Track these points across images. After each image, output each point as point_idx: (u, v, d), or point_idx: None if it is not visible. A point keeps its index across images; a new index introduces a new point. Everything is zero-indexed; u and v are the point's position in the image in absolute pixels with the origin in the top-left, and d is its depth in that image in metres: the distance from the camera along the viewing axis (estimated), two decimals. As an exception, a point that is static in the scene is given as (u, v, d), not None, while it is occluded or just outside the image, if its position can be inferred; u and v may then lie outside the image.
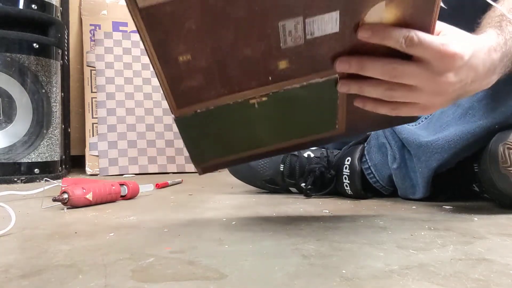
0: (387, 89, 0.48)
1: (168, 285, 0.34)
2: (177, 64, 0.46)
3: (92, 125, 1.57)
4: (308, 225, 0.58)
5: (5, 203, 0.59)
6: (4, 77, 1.21)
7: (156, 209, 0.73)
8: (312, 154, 0.86)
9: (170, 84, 0.48)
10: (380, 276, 0.36)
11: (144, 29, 0.43)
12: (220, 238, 0.51)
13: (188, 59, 0.46)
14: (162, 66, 0.46)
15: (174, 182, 1.14)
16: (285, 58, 0.47)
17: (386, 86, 0.47)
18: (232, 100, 0.50)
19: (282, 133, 0.58)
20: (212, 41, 0.44)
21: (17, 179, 1.20)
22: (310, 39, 0.45)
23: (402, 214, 0.66)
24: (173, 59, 0.46)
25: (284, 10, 0.43)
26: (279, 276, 0.36)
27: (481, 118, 0.67)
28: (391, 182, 0.81)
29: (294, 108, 0.53)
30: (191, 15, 0.42)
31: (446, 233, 0.52)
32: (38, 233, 0.54)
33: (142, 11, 0.42)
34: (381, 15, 0.44)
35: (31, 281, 0.35)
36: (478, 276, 0.36)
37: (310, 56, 0.47)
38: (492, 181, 0.65)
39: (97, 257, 0.42)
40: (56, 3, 1.37)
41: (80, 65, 1.65)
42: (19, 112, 1.24)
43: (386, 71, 0.46)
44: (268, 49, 0.46)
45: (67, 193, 0.72)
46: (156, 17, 0.42)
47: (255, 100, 0.51)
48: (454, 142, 0.69)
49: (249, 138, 0.57)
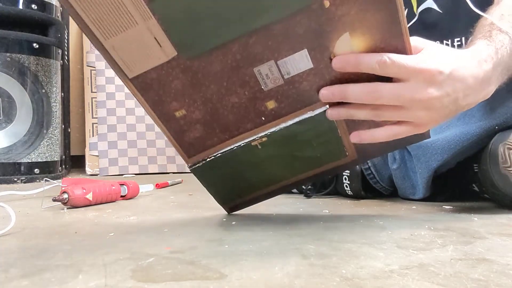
0: (373, 109, 0.48)
1: (168, 285, 0.34)
2: (175, 119, 0.51)
3: (92, 125, 1.57)
4: (308, 225, 0.58)
5: (5, 203, 0.59)
6: (4, 77, 1.21)
7: (156, 209, 0.73)
8: (312, 154, 0.86)
9: (175, 138, 0.53)
10: (380, 276, 0.36)
11: (138, 94, 0.49)
12: (220, 238, 0.51)
13: (184, 114, 0.51)
14: (164, 124, 0.51)
15: (174, 182, 1.14)
16: (271, 99, 0.50)
17: (372, 106, 0.48)
18: (235, 144, 0.54)
19: (295, 168, 0.60)
20: (200, 95, 0.49)
21: (17, 179, 1.20)
22: (288, 78, 0.48)
23: (402, 214, 0.66)
24: (171, 116, 0.51)
25: (254, 58, 0.46)
26: (279, 276, 0.36)
27: (481, 119, 0.67)
28: (391, 183, 0.81)
29: (297, 144, 0.55)
30: (175, 76, 0.47)
31: (446, 233, 0.52)
32: (38, 233, 0.54)
33: (133, 80, 0.47)
34: (350, 45, 0.46)
35: (31, 280, 0.35)
36: (478, 276, 0.36)
37: (295, 93, 0.50)
38: (492, 181, 0.65)
39: (97, 257, 0.42)
40: (56, 3, 1.37)
41: (80, 65, 1.65)
42: (19, 112, 1.24)
43: (367, 94, 0.47)
44: (252, 93, 0.49)
45: (67, 193, 0.72)
46: (146, 83, 0.48)
47: (256, 142, 0.54)
48: (454, 142, 0.69)
49: (263, 176, 0.60)
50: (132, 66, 0.46)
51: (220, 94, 0.49)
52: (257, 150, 0.54)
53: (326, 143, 0.55)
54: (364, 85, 0.47)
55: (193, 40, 0.45)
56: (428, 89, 0.46)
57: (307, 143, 0.55)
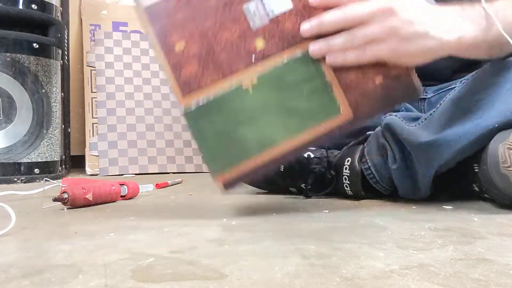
0: (348, 34, 0.57)
1: (168, 285, 0.34)
2: (175, 53, 0.57)
3: (92, 125, 1.57)
4: (308, 225, 0.58)
5: (5, 203, 0.59)
6: (4, 77, 1.21)
7: (156, 209, 0.73)
8: (312, 154, 0.86)
9: (173, 72, 0.57)
10: (380, 276, 0.36)
11: (148, 23, 0.57)
12: (220, 238, 0.51)
13: (183, 47, 0.57)
14: (165, 55, 0.57)
15: (174, 182, 1.14)
16: (259, 37, 0.57)
17: (347, 32, 0.56)
18: (227, 86, 0.58)
19: (289, 126, 0.59)
20: (198, 28, 0.57)
21: (17, 179, 1.20)
22: (273, 18, 0.56)
23: (402, 214, 0.66)
24: (172, 48, 0.57)
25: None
26: (279, 276, 0.36)
27: (481, 116, 0.67)
28: (391, 183, 0.81)
29: (288, 91, 0.58)
30: (178, 9, 0.56)
31: (446, 233, 0.52)
32: (38, 233, 0.54)
33: (146, 9, 0.56)
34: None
35: (31, 281, 0.35)
36: (478, 276, 0.36)
37: (280, 33, 0.57)
38: (492, 181, 0.65)
39: (97, 257, 0.42)
40: (56, 3, 1.37)
41: (80, 65, 1.65)
42: (19, 112, 1.24)
43: (340, 16, 0.56)
44: (243, 30, 0.57)
45: (67, 193, 0.72)
46: (156, 13, 0.56)
47: (247, 83, 0.58)
48: (454, 141, 0.69)
49: (258, 135, 0.60)
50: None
51: (214, 29, 0.56)
52: (249, 96, 0.58)
53: (316, 92, 0.58)
54: (337, 10, 0.56)
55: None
56: (388, 18, 0.56)
57: (298, 89, 0.58)
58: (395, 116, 0.79)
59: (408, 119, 0.78)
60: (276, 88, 0.58)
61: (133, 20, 1.67)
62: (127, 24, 1.68)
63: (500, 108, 0.65)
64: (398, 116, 0.79)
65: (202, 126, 0.59)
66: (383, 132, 0.80)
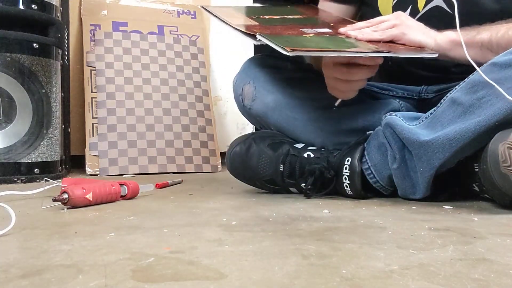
0: (374, 26, 0.80)
1: (168, 285, 0.34)
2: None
3: (92, 125, 1.57)
4: (308, 225, 0.58)
5: (5, 203, 0.59)
6: (4, 77, 1.21)
7: (156, 209, 0.73)
8: (312, 154, 0.86)
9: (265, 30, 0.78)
10: (380, 276, 0.36)
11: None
12: (220, 238, 0.51)
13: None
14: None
15: (174, 182, 1.14)
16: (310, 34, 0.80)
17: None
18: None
19: (333, 43, 0.79)
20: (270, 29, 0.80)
21: (17, 179, 1.19)
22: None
23: (402, 214, 0.66)
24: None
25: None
26: (279, 276, 0.36)
27: (481, 114, 0.68)
28: (391, 182, 0.81)
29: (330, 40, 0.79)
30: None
31: (446, 233, 0.52)
32: (38, 233, 0.54)
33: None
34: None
35: (31, 281, 0.35)
36: (478, 276, 0.36)
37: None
38: (492, 180, 0.65)
39: (97, 257, 0.42)
40: (56, 3, 1.37)
41: (80, 65, 1.65)
42: (19, 112, 1.24)
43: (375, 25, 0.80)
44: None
45: (67, 193, 0.72)
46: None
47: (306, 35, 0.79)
48: (455, 140, 0.69)
49: (315, 43, 0.77)
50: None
51: (282, 29, 0.81)
52: (307, 37, 0.79)
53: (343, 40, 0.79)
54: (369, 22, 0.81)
55: None
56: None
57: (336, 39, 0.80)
58: (396, 115, 0.79)
59: (408, 119, 0.79)
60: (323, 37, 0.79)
61: (133, 20, 1.67)
62: (127, 24, 1.68)
63: (500, 105, 0.66)
64: (399, 115, 0.79)
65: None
66: (383, 131, 0.80)
